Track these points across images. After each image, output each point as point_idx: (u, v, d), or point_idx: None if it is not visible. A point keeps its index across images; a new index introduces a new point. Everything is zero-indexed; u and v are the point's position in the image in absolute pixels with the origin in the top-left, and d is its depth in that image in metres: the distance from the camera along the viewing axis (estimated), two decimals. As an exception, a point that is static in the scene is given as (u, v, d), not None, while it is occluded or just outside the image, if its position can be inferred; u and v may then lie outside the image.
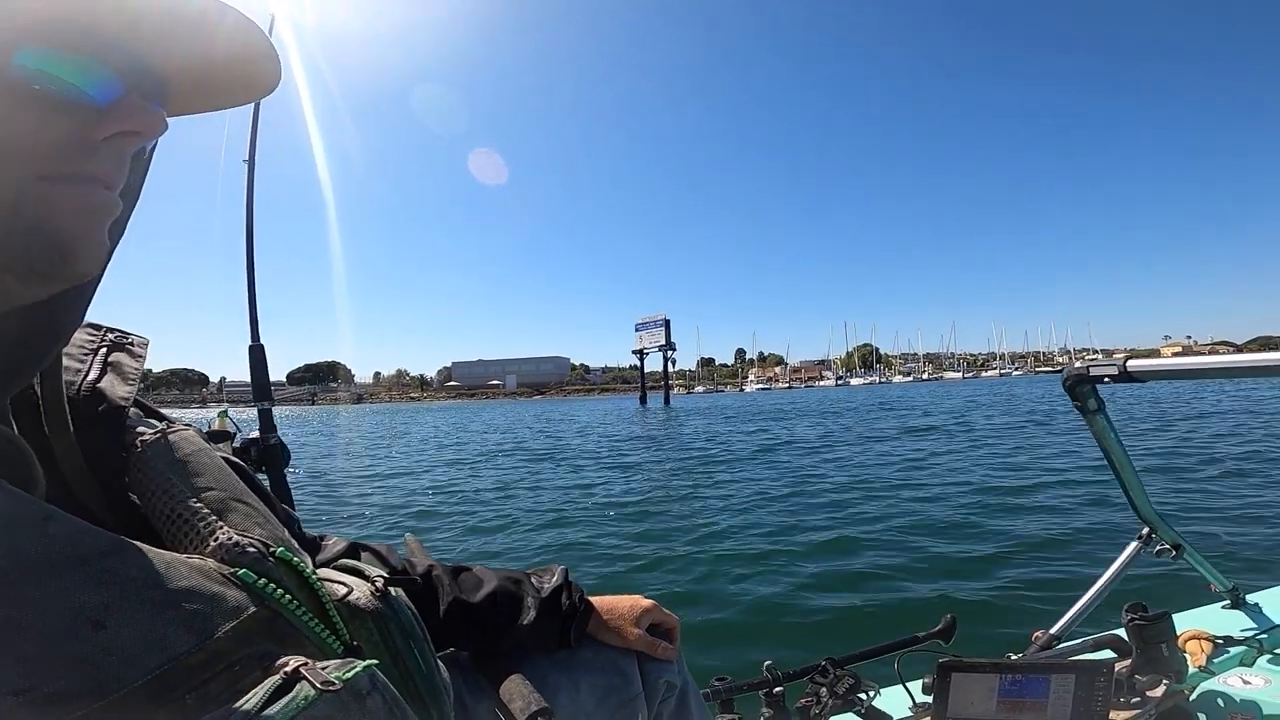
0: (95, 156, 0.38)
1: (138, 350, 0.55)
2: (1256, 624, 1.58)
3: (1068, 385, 1.28)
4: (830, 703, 1.30)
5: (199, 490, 0.46)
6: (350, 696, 0.36)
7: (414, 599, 0.55)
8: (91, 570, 0.33)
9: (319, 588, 0.45)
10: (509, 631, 0.80)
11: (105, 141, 0.38)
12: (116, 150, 0.39)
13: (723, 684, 1.33)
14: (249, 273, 1.40)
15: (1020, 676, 1.22)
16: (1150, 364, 1.14)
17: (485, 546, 5.60)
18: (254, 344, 1.47)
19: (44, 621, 0.30)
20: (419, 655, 0.49)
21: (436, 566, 0.82)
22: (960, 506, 5.96)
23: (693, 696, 0.90)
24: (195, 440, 0.50)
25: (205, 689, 0.33)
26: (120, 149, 0.40)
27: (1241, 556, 3.82)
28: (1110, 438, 1.36)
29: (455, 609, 0.78)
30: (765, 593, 3.75)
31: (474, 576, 0.82)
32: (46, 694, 0.29)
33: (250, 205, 1.28)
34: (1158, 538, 1.52)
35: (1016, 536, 4.69)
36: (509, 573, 0.86)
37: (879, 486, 7.41)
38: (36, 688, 0.29)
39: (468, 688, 0.77)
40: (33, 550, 0.31)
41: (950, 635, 1.47)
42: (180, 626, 0.34)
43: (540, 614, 0.81)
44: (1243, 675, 1.34)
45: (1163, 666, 1.31)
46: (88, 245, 0.39)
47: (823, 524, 5.60)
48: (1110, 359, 1.21)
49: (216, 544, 0.42)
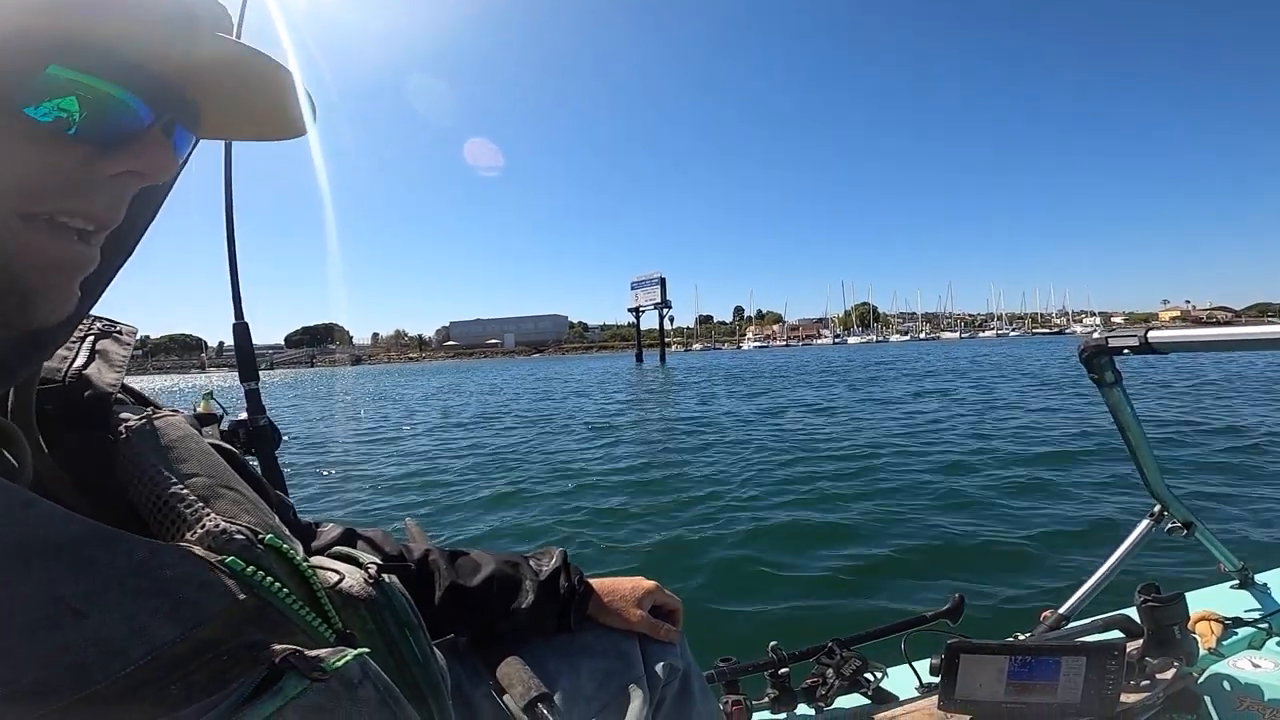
0: (94, 194, 0.37)
1: (125, 339, 0.54)
2: (1264, 605, 1.57)
3: (1085, 357, 1.22)
4: (837, 684, 1.29)
5: (185, 477, 0.45)
6: (341, 686, 0.35)
7: (410, 585, 0.55)
8: (73, 558, 0.32)
9: (310, 575, 0.44)
10: (507, 616, 0.79)
11: (111, 179, 0.37)
12: (120, 188, 0.38)
13: (727, 665, 1.32)
14: (229, 248, 1.33)
15: (1030, 658, 1.21)
16: (1174, 335, 1.07)
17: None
18: (238, 322, 1.42)
19: (24, 611, 0.29)
20: (414, 643, 0.48)
21: (433, 551, 0.81)
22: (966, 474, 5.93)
23: (696, 679, 0.88)
24: (181, 426, 0.50)
25: (191, 679, 0.33)
26: (124, 187, 0.38)
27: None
28: (1126, 411, 1.31)
29: (452, 594, 0.77)
30: (767, 569, 3.74)
31: (471, 561, 0.81)
32: (27, 685, 0.28)
33: (228, 179, 1.21)
34: (1169, 515, 1.49)
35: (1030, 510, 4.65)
36: (507, 556, 0.85)
37: (887, 451, 7.31)
38: (17, 679, 0.28)
39: (466, 674, 0.76)
40: (12, 537, 0.30)
41: (958, 615, 1.46)
42: (165, 616, 0.33)
43: (539, 597, 0.80)
44: (1252, 658, 1.33)
45: (1174, 649, 1.29)
46: (50, 298, 0.37)
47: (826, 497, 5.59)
48: (1131, 328, 1.14)
49: (203, 531, 0.41)
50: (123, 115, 0.36)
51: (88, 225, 0.37)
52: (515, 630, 0.80)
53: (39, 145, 0.34)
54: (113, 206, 0.38)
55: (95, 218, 0.37)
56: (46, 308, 0.37)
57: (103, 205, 0.37)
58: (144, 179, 0.39)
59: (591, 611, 0.84)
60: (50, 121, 0.33)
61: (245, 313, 1.37)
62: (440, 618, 0.76)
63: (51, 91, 0.33)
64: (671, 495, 5.73)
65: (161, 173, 0.39)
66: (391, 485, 7.07)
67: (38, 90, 0.32)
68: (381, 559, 0.69)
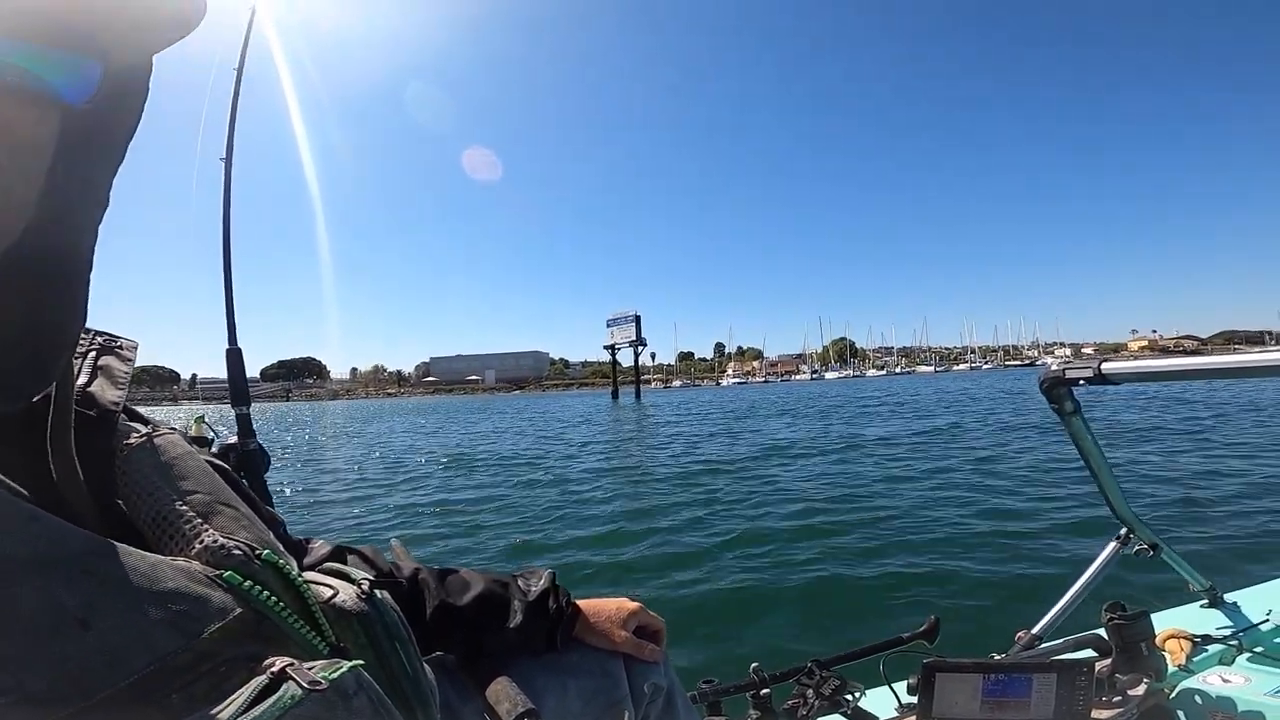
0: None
1: (127, 354, 0.54)
2: (1234, 623, 1.60)
3: (1045, 388, 1.28)
4: (817, 704, 1.30)
5: (184, 493, 0.45)
6: (336, 696, 0.36)
7: (400, 603, 0.55)
8: (76, 570, 0.32)
9: (304, 590, 0.45)
10: (496, 635, 0.80)
11: None
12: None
13: (710, 686, 1.32)
14: (226, 275, 1.35)
15: (1003, 676, 1.24)
16: (1125, 366, 1.14)
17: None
18: (231, 348, 1.42)
19: (29, 620, 0.30)
20: (405, 658, 0.49)
21: (423, 570, 0.81)
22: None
23: (679, 698, 0.89)
24: (180, 444, 0.50)
25: (191, 689, 0.33)
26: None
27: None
28: (1087, 439, 1.37)
29: (441, 612, 0.77)
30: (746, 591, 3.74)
31: (461, 579, 0.82)
32: (31, 693, 0.29)
33: (227, 208, 1.23)
34: (1135, 538, 1.54)
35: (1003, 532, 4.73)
36: (496, 575, 0.85)
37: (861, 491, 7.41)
38: (21, 687, 0.28)
39: (454, 691, 0.76)
40: (17, 550, 0.31)
41: (934, 636, 1.48)
42: (166, 627, 0.34)
43: (527, 617, 0.81)
44: (1222, 674, 1.36)
45: (1142, 665, 1.32)
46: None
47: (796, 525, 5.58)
48: (1085, 361, 1.20)
49: (202, 546, 0.41)
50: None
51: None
52: (504, 648, 0.80)
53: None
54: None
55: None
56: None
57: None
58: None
59: (578, 632, 0.85)
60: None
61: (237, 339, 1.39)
62: (429, 635, 0.76)
63: None
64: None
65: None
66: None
67: None
68: (373, 575, 0.69)
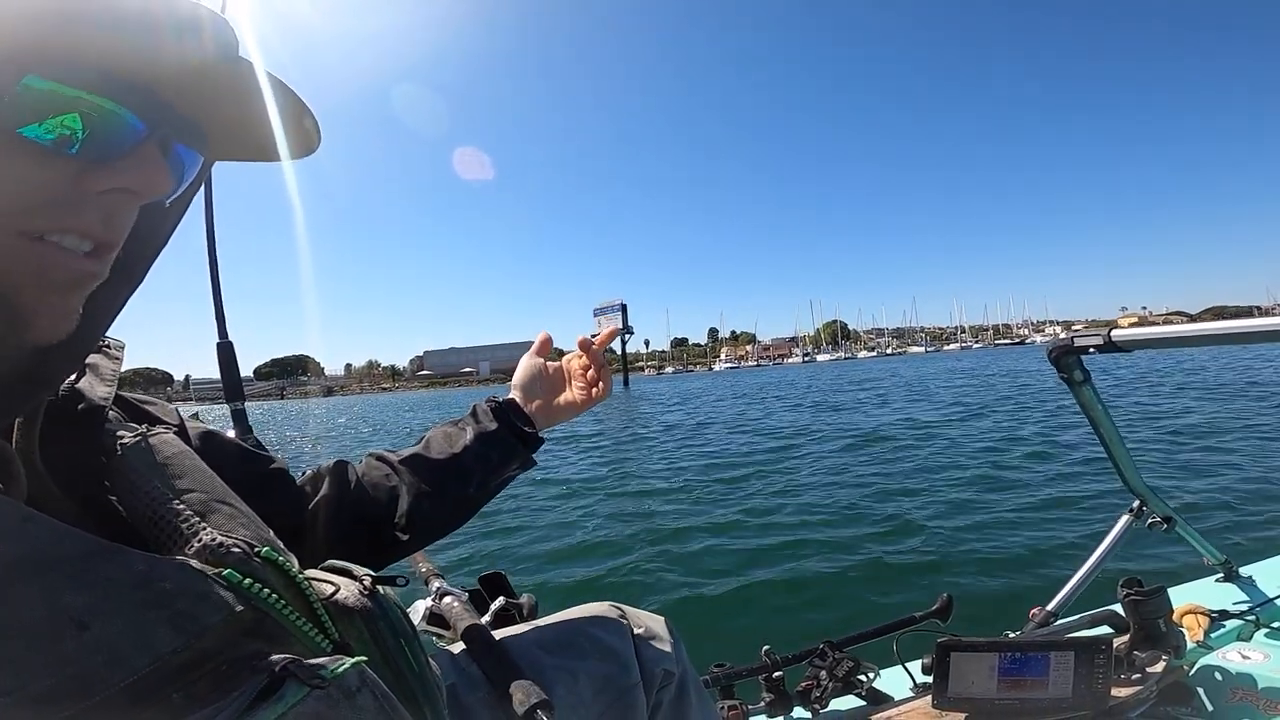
0: (83, 211, 0.36)
1: (114, 352, 0.54)
2: (1250, 597, 1.58)
3: (1053, 357, 1.25)
4: (831, 685, 1.29)
5: (181, 492, 0.45)
6: (340, 693, 0.35)
7: (390, 503, 0.58)
8: (73, 571, 0.32)
9: (306, 587, 0.44)
10: (467, 459, 0.83)
11: (100, 195, 0.36)
12: (111, 205, 0.37)
13: (722, 670, 1.31)
14: (211, 265, 1.31)
15: (1019, 655, 1.22)
16: (1137, 333, 1.11)
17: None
18: (222, 341, 1.38)
19: (28, 622, 0.30)
20: (410, 653, 0.48)
21: (394, 474, 0.82)
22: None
23: (692, 683, 0.89)
24: (176, 443, 0.50)
25: (193, 688, 0.33)
26: (116, 204, 0.37)
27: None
28: (1098, 409, 1.34)
29: (423, 499, 0.80)
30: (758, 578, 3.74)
31: (420, 456, 0.84)
32: (33, 694, 0.28)
33: (208, 193, 1.19)
34: (1149, 510, 1.52)
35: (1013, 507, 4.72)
36: (447, 424, 0.90)
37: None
38: (22, 688, 0.28)
39: (462, 683, 0.76)
40: (13, 552, 0.31)
41: (948, 614, 1.47)
42: (166, 626, 0.33)
43: (479, 435, 0.86)
44: (1241, 650, 1.35)
45: (1161, 642, 1.30)
46: (48, 317, 0.37)
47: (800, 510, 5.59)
48: (1095, 329, 1.18)
49: (200, 545, 0.41)
50: (117, 129, 0.35)
51: (82, 243, 0.36)
52: (485, 465, 0.84)
53: (31, 162, 0.33)
54: (108, 224, 0.37)
55: (90, 234, 0.36)
56: (43, 326, 0.37)
57: (95, 221, 0.36)
58: (138, 197, 0.38)
59: (540, 413, 0.94)
60: (53, 140, 0.33)
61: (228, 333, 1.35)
62: (424, 517, 0.80)
63: (44, 106, 0.32)
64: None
65: (154, 190, 0.38)
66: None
67: (22, 106, 0.31)
68: (387, 474, 0.80)
